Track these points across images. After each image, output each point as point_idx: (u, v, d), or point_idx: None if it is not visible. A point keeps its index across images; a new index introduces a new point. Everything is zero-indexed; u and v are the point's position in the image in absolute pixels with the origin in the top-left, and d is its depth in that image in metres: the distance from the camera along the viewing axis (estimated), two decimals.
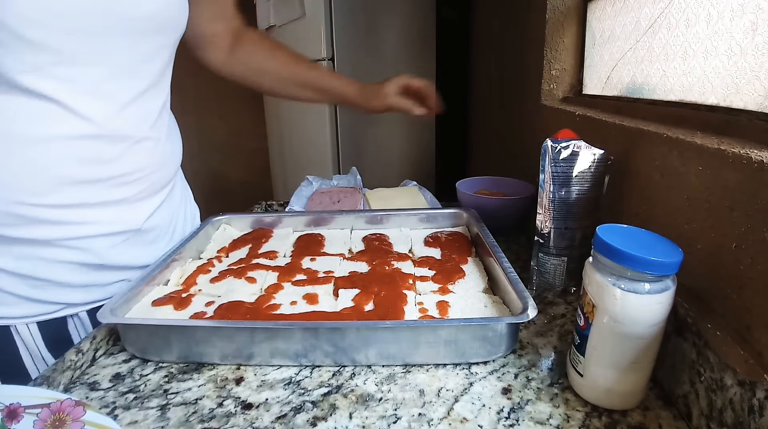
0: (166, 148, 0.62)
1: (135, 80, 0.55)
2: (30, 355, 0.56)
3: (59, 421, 0.33)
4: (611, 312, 0.37)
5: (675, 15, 0.57)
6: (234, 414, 0.40)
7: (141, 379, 0.45)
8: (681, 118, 0.53)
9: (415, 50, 1.69)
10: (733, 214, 0.37)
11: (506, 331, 0.45)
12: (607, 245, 0.37)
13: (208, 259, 0.65)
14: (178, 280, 0.60)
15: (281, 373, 0.46)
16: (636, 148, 0.52)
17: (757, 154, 0.34)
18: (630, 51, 0.68)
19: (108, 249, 0.57)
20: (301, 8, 1.53)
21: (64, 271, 0.55)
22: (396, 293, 0.52)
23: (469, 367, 0.46)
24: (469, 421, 0.39)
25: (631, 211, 0.54)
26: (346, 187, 0.98)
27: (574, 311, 0.55)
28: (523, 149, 1.03)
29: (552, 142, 0.54)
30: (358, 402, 0.41)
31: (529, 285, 0.61)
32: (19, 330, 0.55)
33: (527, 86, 1.00)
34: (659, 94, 0.61)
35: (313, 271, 0.60)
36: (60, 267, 0.54)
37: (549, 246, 0.58)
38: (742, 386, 0.32)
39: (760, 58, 0.43)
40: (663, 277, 0.36)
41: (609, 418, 0.39)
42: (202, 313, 0.50)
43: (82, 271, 0.56)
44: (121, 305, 0.50)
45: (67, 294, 0.57)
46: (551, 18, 0.86)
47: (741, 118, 0.44)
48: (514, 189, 0.85)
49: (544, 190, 0.56)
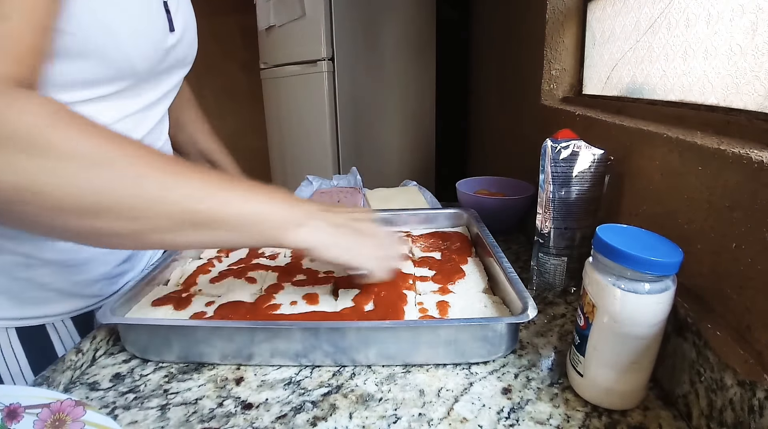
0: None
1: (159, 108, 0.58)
2: (65, 350, 0.56)
3: (59, 421, 0.33)
4: (611, 312, 0.37)
5: (675, 15, 0.57)
6: (234, 414, 0.40)
7: (141, 379, 0.45)
8: (681, 118, 0.53)
9: (415, 50, 1.69)
10: (733, 214, 0.37)
11: (506, 331, 0.45)
12: (607, 245, 0.37)
13: (208, 259, 0.65)
14: (178, 280, 0.60)
15: (281, 373, 0.46)
16: (636, 148, 0.52)
17: (757, 154, 0.34)
18: (630, 51, 0.68)
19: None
20: (301, 8, 1.53)
21: (101, 264, 0.57)
22: (396, 293, 0.52)
23: (469, 367, 0.46)
24: (469, 421, 0.39)
25: (631, 211, 0.54)
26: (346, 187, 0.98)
27: (574, 311, 0.55)
28: (523, 149, 1.03)
29: (552, 142, 0.54)
30: (358, 402, 0.41)
31: (529, 285, 0.61)
32: (57, 327, 0.55)
33: (527, 86, 1.00)
34: (659, 94, 0.61)
35: (313, 271, 0.60)
36: (102, 257, 0.56)
37: (549, 246, 0.58)
38: (742, 386, 0.32)
39: (760, 58, 0.43)
40: (663, 277, 0.36)
41: (609, 418, 0.39)
42: (202, 313, 0.50)
43: (115, 262, 0.58)
44: (121, 305, 0.50)
45: (103, 287, 0.58)
46: (551, 18, 0.86)
47: (741, 118, 0.44)
48: (514, 189, 0.85)
49: (544, 190, 0.56)
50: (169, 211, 0.38)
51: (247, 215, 0.41)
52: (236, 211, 0.40)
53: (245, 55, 2.52)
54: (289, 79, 1.73)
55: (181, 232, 0.39)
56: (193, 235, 0.40)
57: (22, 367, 0.53)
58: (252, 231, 0.42)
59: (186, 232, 0.39)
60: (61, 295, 0.55)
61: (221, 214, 0.40)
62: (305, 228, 0.44)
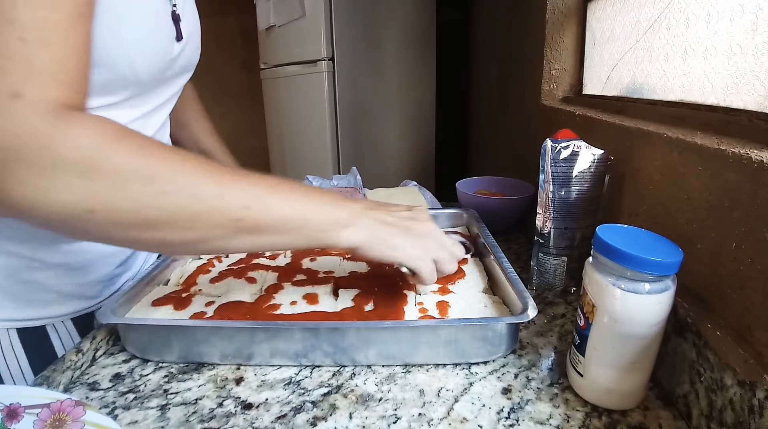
0: None
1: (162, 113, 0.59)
2: (64, 350, 0.56)
3: (59, 421, 0.33)
4: (611, 312, 0.37)
5: (675, 15, 0.57)
6: (234, 414, 0.40)
7: (141, 379, 0.45)
8: (681, 118, 0.53)
9: (415, 50, 1.69)
10: (733, 214, 0.37)
11: (506, 331, 0.45)
12: (607, 245, 0.37)
13: (208, 259, 0.65)
14: (178, 280, 0.60)
15: (281, 373, 0.46)
16: (636, 148, 0.52)
17: (757, 154, 0.34)
18: (630, 51, 0.68)
19: None
20: (301, 8, 1.53)
21: (103, 266, 0.57)
22: (396, 293, 0.52)
23: (469, 367, 0.46)
24: (469, 421, 0.39)
25: (631, 211, 0.54)
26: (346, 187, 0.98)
27: (574, 311, 0.55)
28: (523, 149, 1.03)
29: (552, 142, 0.54)
30: (358, 402, 0.41)
31: (529, 285, 0.61)
32: (57, 327, 0.56)
33: (527, 86, 1.00)
34: (659, 94, 0.61)
35: (313, 271, 0.60)
36: (104, 259, 0.57)
37: (549, 246, 0.58)
38: (742, 386, 0.32)
39: (760, 58, 0.43)
40: (663, 277, 0.36)
41: (609, 418, 0.39)
42: (202, 313, 0.50)
43: (115, 264, 0.59)
44: (121, 305, 0.50)
45: (103, 288, 0.58)
46: (551, 18, 0.86)
47: (741, 118, 0.44)
48: (514, 189, 0.85)
49: (544, 190, 0.56)
50: (219, 220, 0.39)
51: (292, 220, 0.41)
52: (281, 215, 0.41)
53: (245, 55, 2.52)
54: (289, 79, 1.73)
55: (231, 239, 0.40)
56: (242, 241, 0.40)
57: (23, 367, 0.53)
58: (298, 234, 0.42)
59: (235, 238, 0.40)
60: (62, 296, 0.55)
61: (267, 220, 0.40)
62: (352, 228, 0.44)
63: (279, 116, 1.90)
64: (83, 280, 0.56)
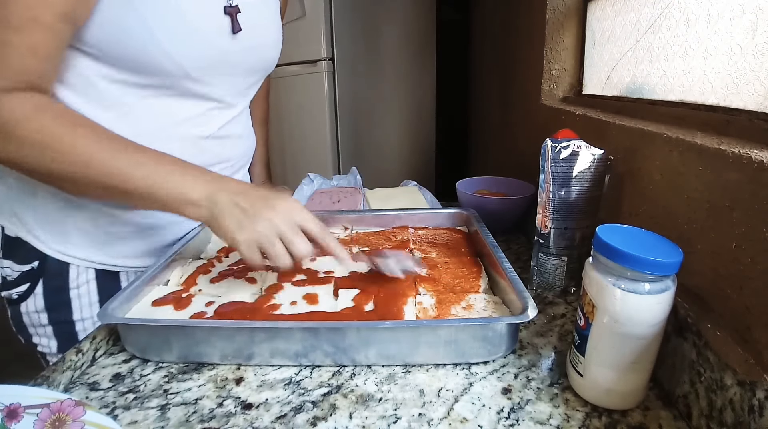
0: (248, 142, 0.76)
1: (245, 99, 0.71)
2: (78, 296, 0.63)
3: (59, 421, 0.33)
4: (611, 312, 0.37)
5: (675, 15, 0.57)
6: (234, 414, 0.40)
7: (141, 379, 0.45)
8: (681, 118, 0.53)
9: (415, 50, 1.70)
10: (733, 214, 0.37)
11: (506, 331, 0.45)
12: (607, 245, 0.37)
13: (208, 259, 0.65)
14: (178, 280, 0.60)
15: (281, 373, 0.46)
16: (636, 148, 0.52)
17: (757, 154, 0.34)
18: (630, 51, 0.68)
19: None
20: (301, 8, 1.53)
21: (170, 233, 0.67)
22: (396, 293, 0.52)
23: (469, 367, 0.46)
24: (469, 421, 0.39)
25: (631, 211, 0.54)
26: (346, 187, 0.98)
27: (574, 311, 0.55)
28: (523, 149, 1.03)
29: (552, 142, 0.54)
30: (358, 402, 0.41)
31: (529, 285, 0.61)
32: (129, 276, 0.66)
33: (527, 86, 1.00)
34: (659, 94, 0.61)
35: (313, 271, 0.60)
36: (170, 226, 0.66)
37: (549, 246, 0.58)
38: (742, 386, 0.32)
39: (760, 58, 0.43)
40: (663, 277, 0.36)
41: (609, 418, 0.39)
42: (202, 313, 0.50)
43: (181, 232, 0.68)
44: (121, 305, 0.50)
45: (167, 249, 0.65)
46: (551, 18, 0.86)
47: (741, 118, 0.44)
48: (514, 189, 0.85)
49: (544, 190, 0.56)
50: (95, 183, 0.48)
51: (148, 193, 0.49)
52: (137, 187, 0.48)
53: None
54: (289, 79, 1.73)
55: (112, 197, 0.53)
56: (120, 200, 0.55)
57: (92, 300, 0.64)
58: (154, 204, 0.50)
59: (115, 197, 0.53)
60: (136, 250, 0.65)
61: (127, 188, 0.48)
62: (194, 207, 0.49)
63: (279, 116, 1.90)
64: (153, 240, 0.66)
